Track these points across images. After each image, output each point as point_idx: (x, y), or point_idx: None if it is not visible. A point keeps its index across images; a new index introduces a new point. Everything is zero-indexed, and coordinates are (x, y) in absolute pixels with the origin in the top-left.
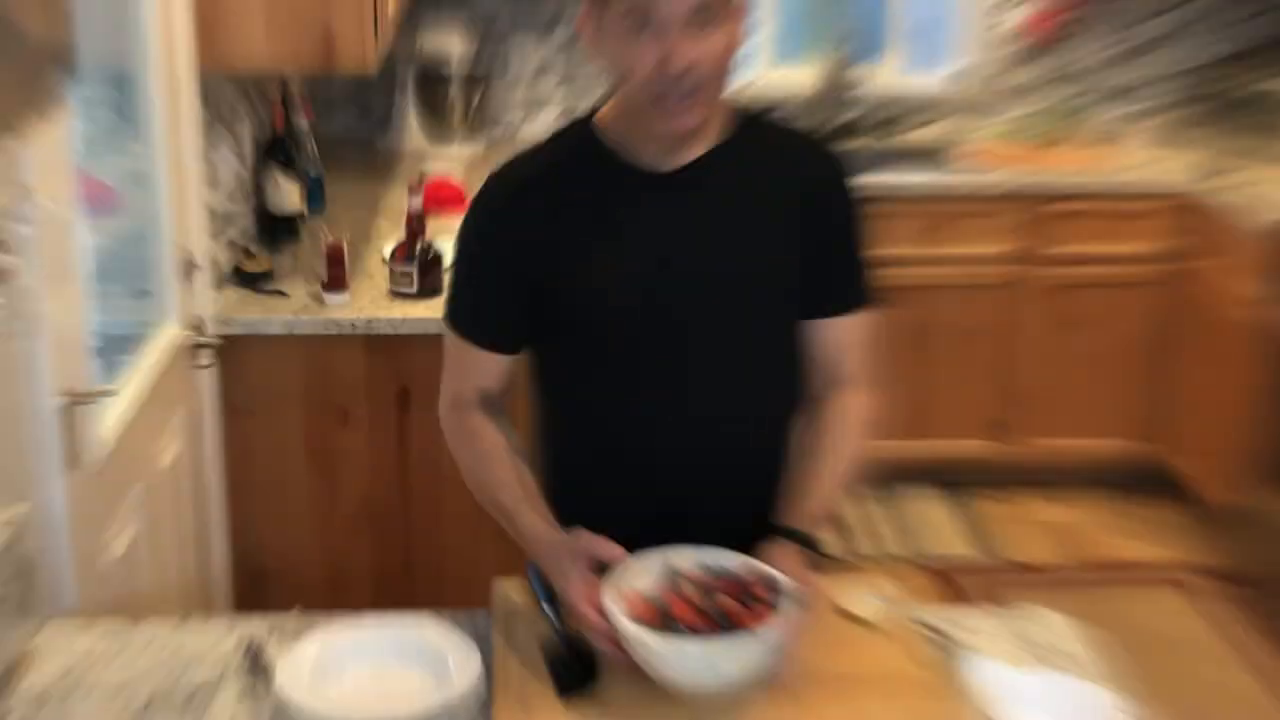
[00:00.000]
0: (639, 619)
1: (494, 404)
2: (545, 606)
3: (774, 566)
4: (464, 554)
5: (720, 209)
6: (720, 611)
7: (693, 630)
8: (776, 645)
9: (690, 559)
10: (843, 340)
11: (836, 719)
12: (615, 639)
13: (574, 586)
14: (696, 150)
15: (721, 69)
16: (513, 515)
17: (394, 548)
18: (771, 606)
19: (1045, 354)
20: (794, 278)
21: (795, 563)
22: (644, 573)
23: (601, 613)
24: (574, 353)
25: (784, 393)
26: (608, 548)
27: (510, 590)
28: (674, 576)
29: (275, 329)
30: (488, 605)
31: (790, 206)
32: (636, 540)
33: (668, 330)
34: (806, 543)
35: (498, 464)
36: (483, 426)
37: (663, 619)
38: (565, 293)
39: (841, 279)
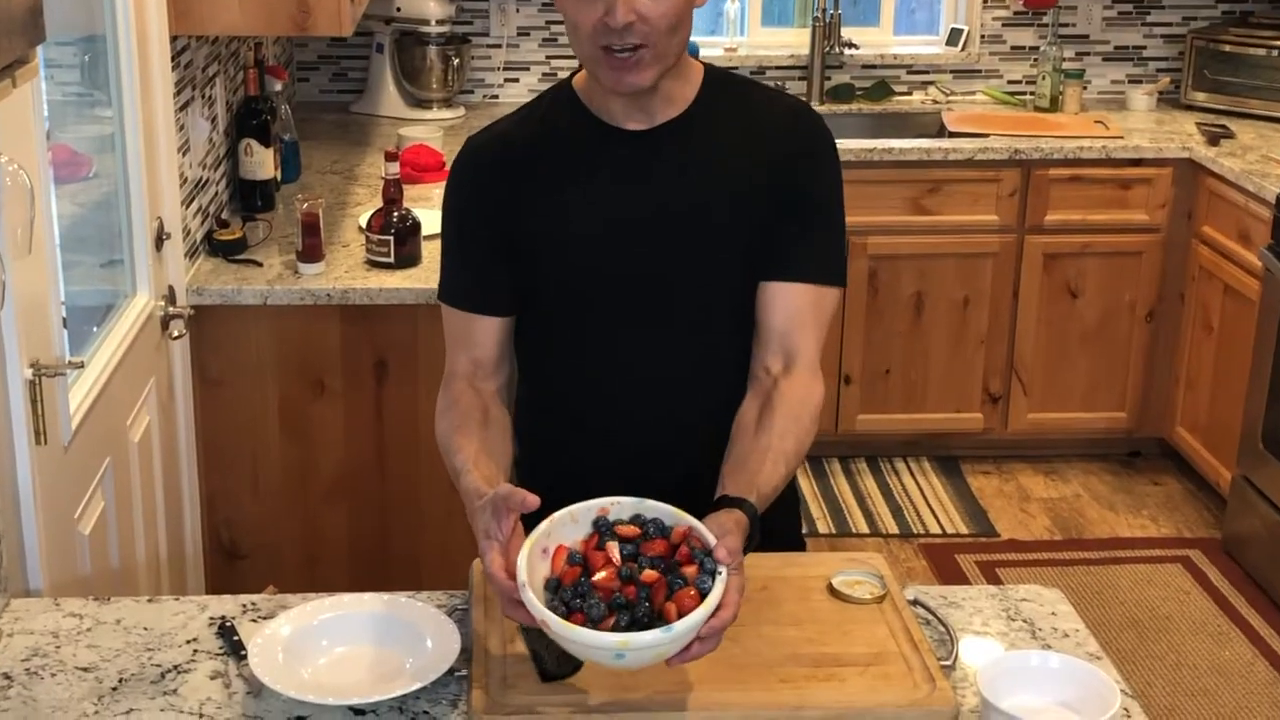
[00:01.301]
0: (557, 579)
1: (491, 375)
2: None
3: (717, 534)
4: (442, 531)
5: (691, 171)
6: (640, 583)
7: (606, 601)
8: (684, 636)
9: (629, 509)
10: (794, 310)
11: (825, 702)
12: (518, 603)
13: (484, 545)
14: (672, 112)
15: (670, 25)
16: (459, 477)
17: (370, 524)
18: (695, 583)
19: (1043, 325)
20: (760, 243)
21: (734, 537)
22: (575, 525)
23: (510, 575)
24: (545, 315)
25: (738, 359)
26: (519, 497)
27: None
28: (605, 531)
29: (249, 299)
30: (466, 584)
31: (762, 171)
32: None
33: (634, 291)
34: (752, 516)
35: (463, 430)
36: (463, 394)
37: (580, 582)
38: (540, 253)
39: (804, 245)
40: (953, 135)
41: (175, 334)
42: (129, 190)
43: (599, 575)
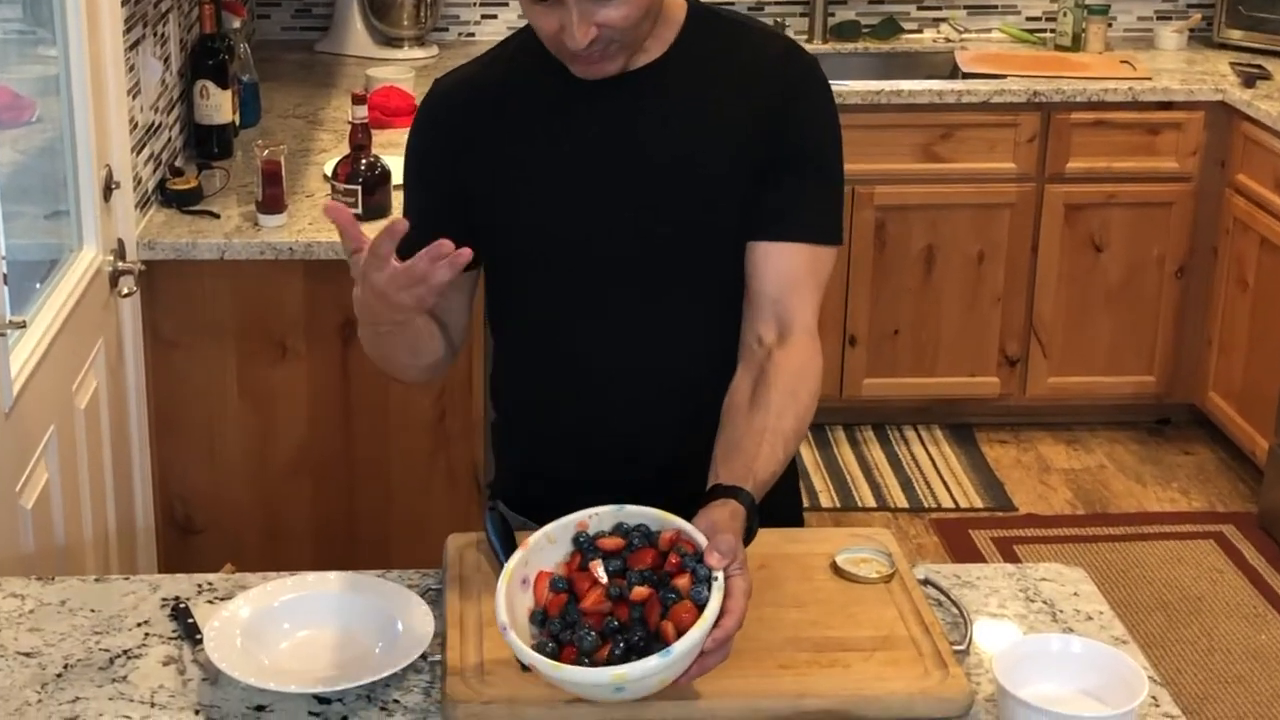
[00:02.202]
0: (543, 610)
1: (448, 336)
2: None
3: (708, 533)
4: (414, 505)
5: (671, 118)
6: (632, 602)
7: (598, 628)
8: (685, 658)
9: (609, 519)
10: (789, 273)
11: (828, 689)
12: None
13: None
14: (651, 54)
15: (636, 20)
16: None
17: (336, 497)
18: (690, 595)
19: (1064, 282)
20: (751, 198)
21: (730, 535)
22: (554, 546)
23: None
24: (516, 274)
25: (735, 321)
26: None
27: (465, 546)
28: (587, 549)
29: (205, 254)
30: (440, 563)
31: (751, 118)
32: (584, 489)
33: (611, 250)
34: (749, 507)
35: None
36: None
37: (567, 610)
38: (509, 208)
39: (798, 200)
40: (966, 76)
41: (125, 291)
42: (75, 136)
43: (587, 600)
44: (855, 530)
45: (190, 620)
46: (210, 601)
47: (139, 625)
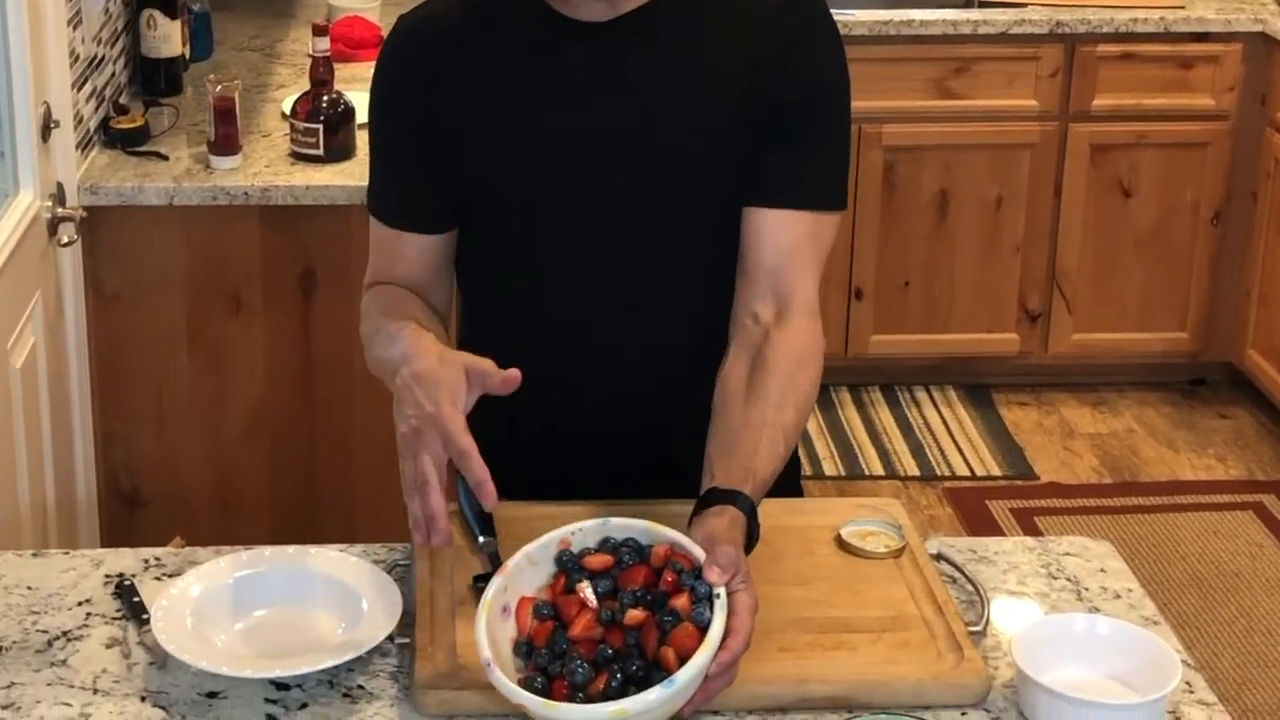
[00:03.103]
0: (527, 640)
1: (420, 292)
2: (481, 540)
3: (705, 546)
4: (381, 473)
5: (660, 69)
6: (625, 626)
7: (589, 658)
8: (689, 686)
9: (593, 535)
10: (788, 243)
11: (833, 674)
12: (435, 532)
13: (443, 409)
14: None
15: None
16: (392, 344)
17: (296, 465)
18: (690, 617)
19: (1090, 229)
20: (744, 156)
21: (730, 546)
22: (535, 568)
23: (430, 486)
24: (488, 238)
25: (726, 291)
26: (499, 377)
27: None
28: (571, 569)
29: (152, 199)
30: (408, 536)
31: (745, 71)
32: (560, 461)
33: (591, 208)
34: (749, 512)
35: (395, 313)
36: (391, 290)
37: (555, 639)
38: (484, 152)
39: (799, 162)
40: (983, 5)
41: (65, 240)
42: (9, 70)
43: (576, 626)
44: (862, 501)
45: (136, 599)
46: (158, 578)
47: (80, 604)
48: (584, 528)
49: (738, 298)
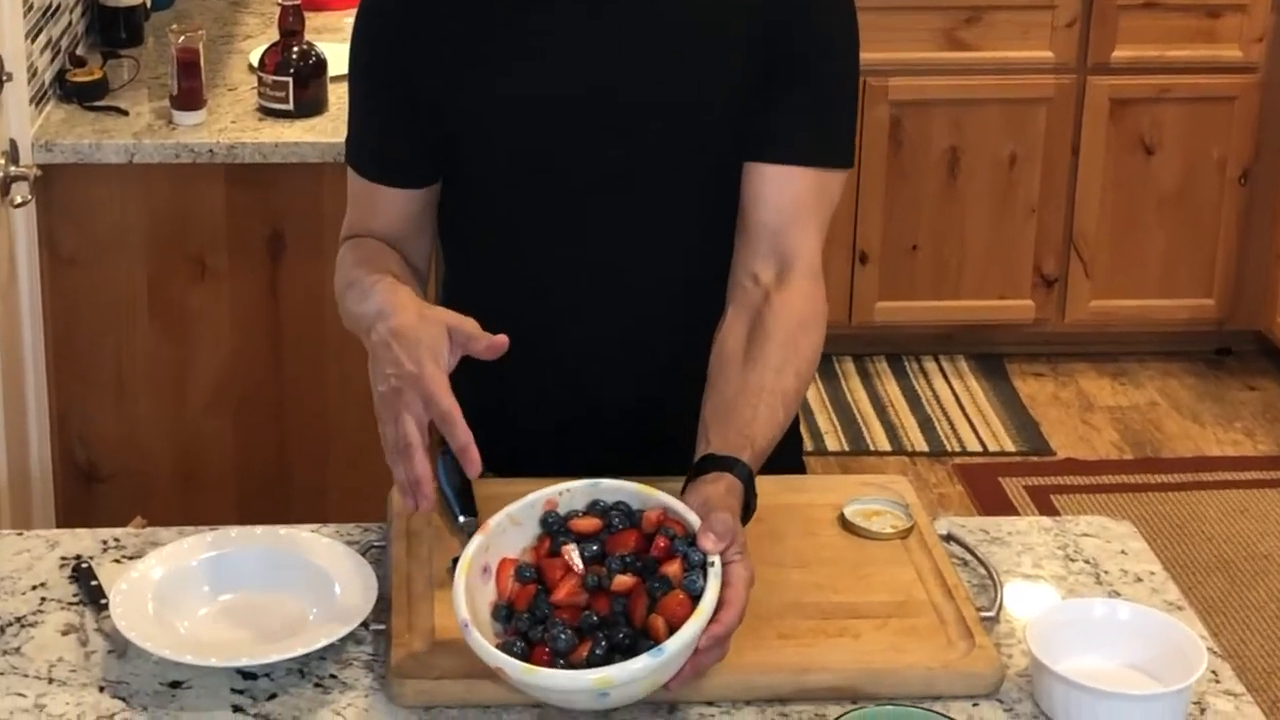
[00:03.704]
0: (507, 604)
1: (398, 247)
2: (461, 519)
3: (700, 512)
4: (355, 449)
5: (654, 25)
6: (612, 592)
7: (574, 624)
8: (679, 657)
9: (582, 496)
10: (791, 201)
11: (836, 663)
12: (422, 497)
13: (424, 369)
14: None
15: None
16: (366, 299)
17: (264, 439)
18: (682, 585)
19: (1110, 189)
20: (744, 115)
21: (726, 513)
22: (518, 528)
23: (418, 450)
24: (472, 196)
25: (723, 258)
26: (484, 341)
27: None
28: (557, 531)
29: (111, 156)
30: (384, 516)
31: (747, 19)
32: (548, 434)
33: (578, 173)
34: (747, 480)
35: (371, 267)
36: (367, 243)
37: (537, 604)
38: (457, 119)
39: (804, 115)
40: None
41: (18, 200)
42: None
43: (559, 591)
44: (867, 478)
45: (94, 583)
46: (117, 560)
47: (34, 588)
48: (572, 488)
49: (736, 258)
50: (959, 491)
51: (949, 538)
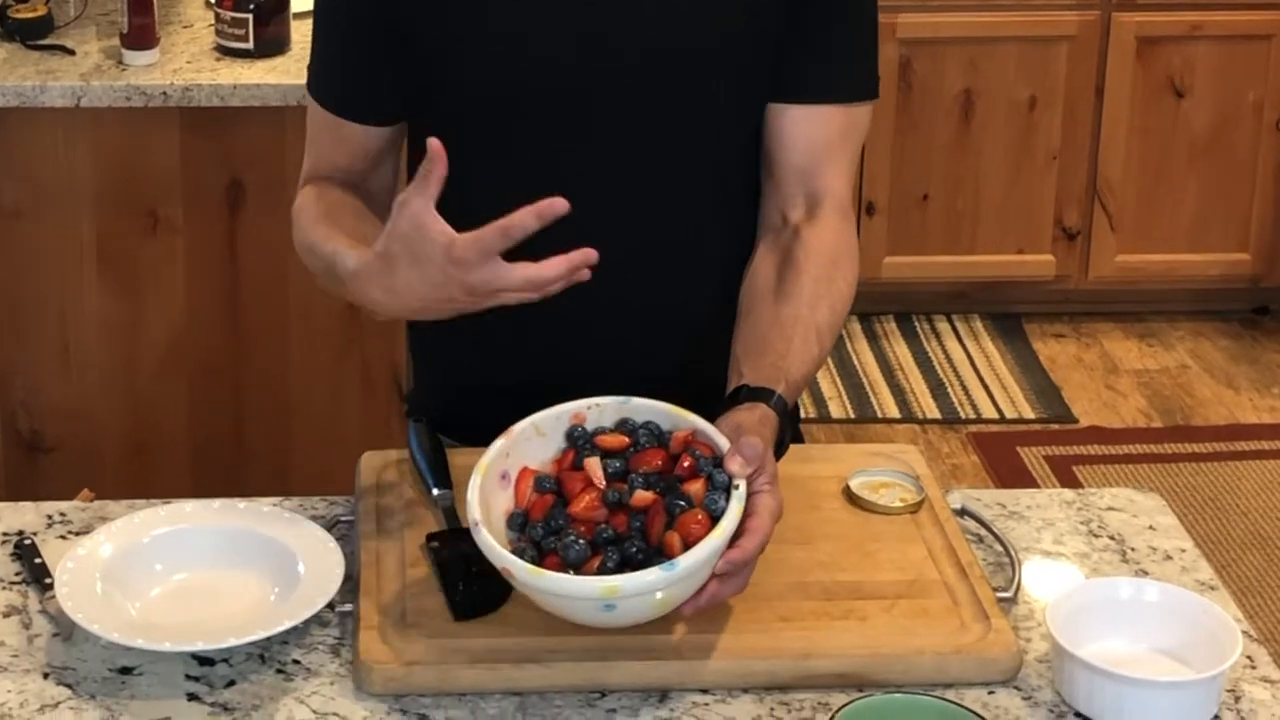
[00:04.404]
0: (524, 512)
1: (363, 184)
2: (435, 492)
3: (731, 436)
4: (319, 416)
5: None
6: (632, 509)
7: (589, 537)
8: (692, 575)
9: (612, 413)
10: (819, 141)
11: (840, 647)
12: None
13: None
14: None
15: None
16: (335, 261)
17: (222, 406)
18: (703, 504)
19: (1137, 135)
20: (768, 57)
21: (758, 439)
22: (543, 439)
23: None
24: (459, 130)
25: (747, 212)
26: (441, 168)
27: (384, 467)
28: (582, 446)
29: (56, 99)
30: (351, 488)
31: None
32: (528, 392)
33: (587, 120)
34: (782, 413)
35: (331, 220)
36: (329, 190)
37: (554, 514)
38: (449, 57)
39: (825, 51)
40: None
41: None
42: None
43: (578, 504)
44: (874, 447)
45: (38, 560)
46: (63, 537)
47: None
48: (602, 404)
49: (765, 200)
50: (973, 462)
51: (963, 512)
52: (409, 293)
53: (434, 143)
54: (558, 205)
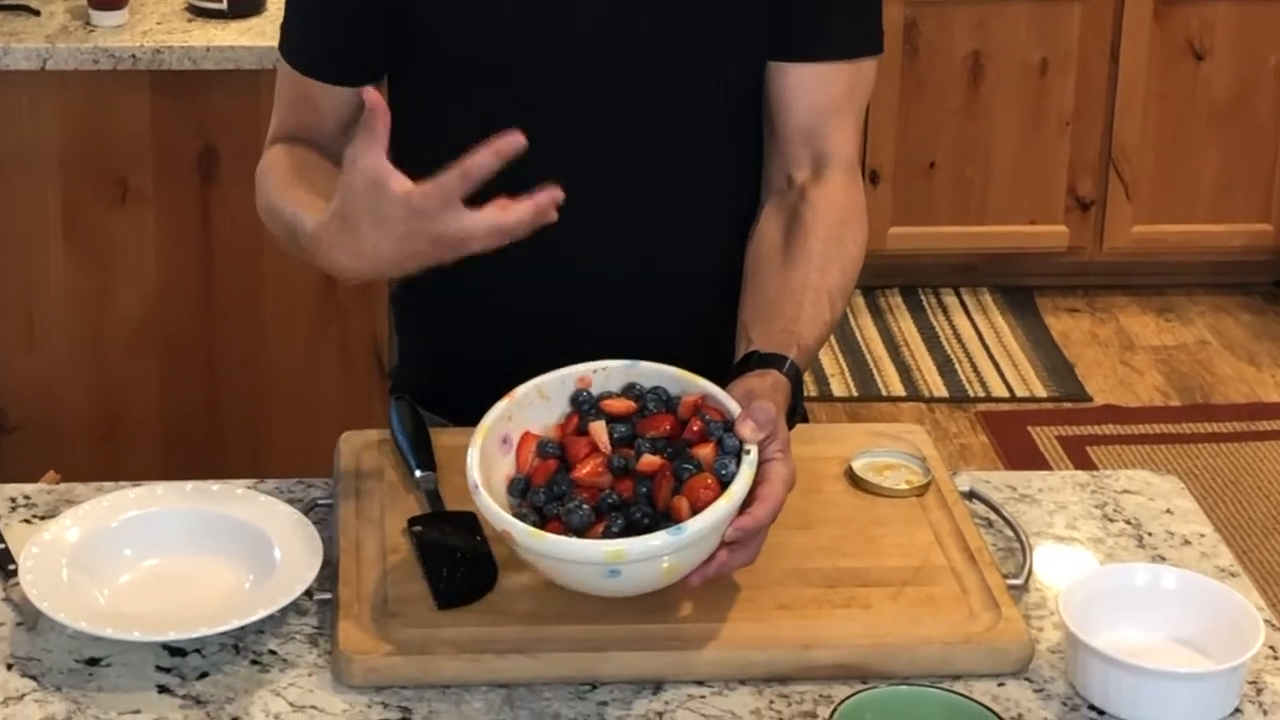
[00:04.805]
0: (525, 478)
1: (332, 152)
2: (418, 474)
3: (742, 401)
4: (296, 394)
5: None
6: (639, 474)
7: (593, 503)
8: (701, 540)
9: (619, 377)
10: (825, 99)
11: (843, 637)
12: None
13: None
14: None
15: None
16: (298, 228)
17: (194, 385)
18: (712, 468)
19: (1154, 100)
20: (767, 9)
21: (770, 404)
22: (546, 403)
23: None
24: (444, 87)
25: (746, 174)
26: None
27: (364, 448)
28: (587, 410)
29: (20, 62)
30: (330, 470)
31: None
32: (518, 365)
33: (580, 78)
34: (795, 380)
35: (296, 183)
36: (294, 150)
37: (557, 480)
38: (434, 13)
39: (825, 6)
40: None
41: None
42: None
43: (582, 469)
44: (878, 427)
45: (1, 546)
46: (27, 521)
47: None
48: (608, 367)
49: (769, 162)
50: (983, 442)
51: (971, 495)
52: (375, 253)
53: (370, 93)
54: (515, 140)
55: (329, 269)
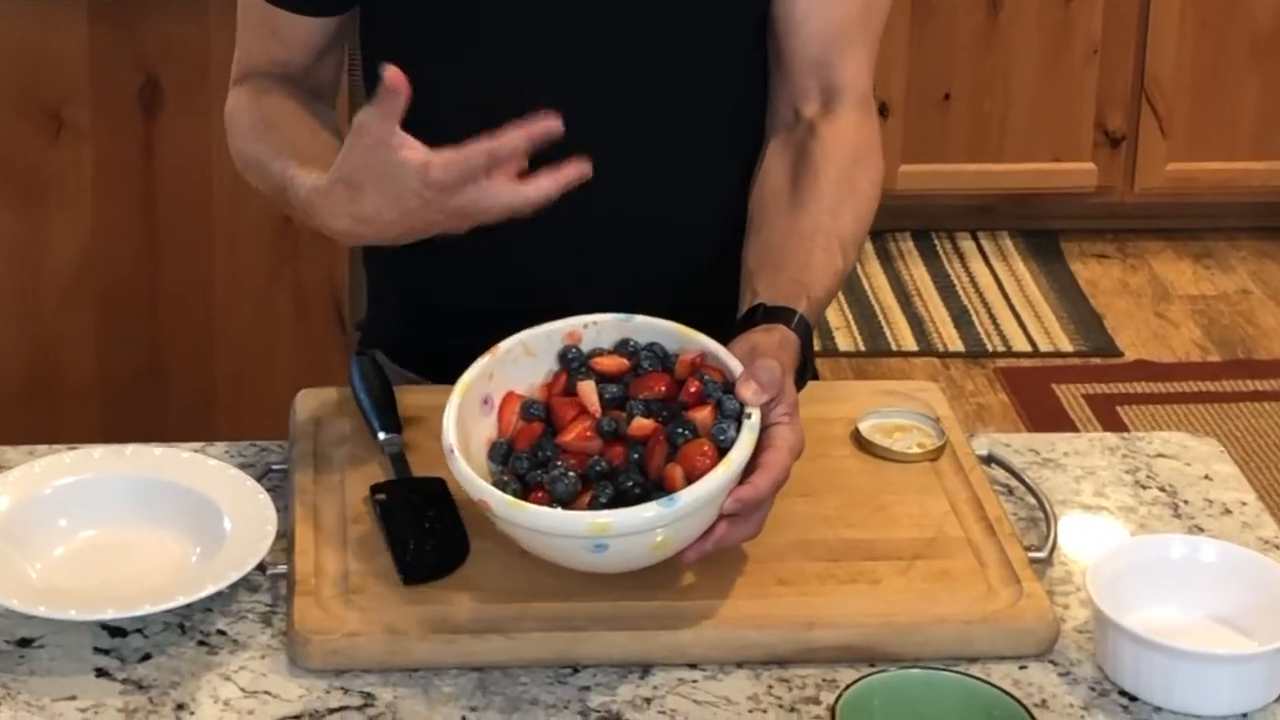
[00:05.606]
0: (508, 441)
1: (303, 84)
2: (382, 436)
3: (745, 360)
4: (248, 348)
5: None
6: (631, 439)
7: (580, 470)
8: (696, 512)
9: (611, 332)
10: (835, 29)
11: (849, 615)
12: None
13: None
14: None
15: None
16: (290, 183)
17: (135, 338)
18: (710, 433)
19: (1190, 27)
20: None
21: (775, 363)
22: (532, 360)
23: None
24: (414, 39)
25: (756, 118)
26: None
27: (322, 408)
28: (576, 369)
29: None
30: (285, 432)
31: None
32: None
33: (578, 15)
34: (804, 335)
35: (277, 128)
36: (266, 90)
37: (541, 444)
38: None
39: None
40: None
41: None
42: None
43: (569, 433)
44: (888, 385)
45: None
46: None
47: None
48: (600, 321)
49: (774, 95)
50: (1002, 401)
51: (990, 459)
52: (380, 220)
53: (391, 73)
54: (552, 127)
55: (323, 230)
